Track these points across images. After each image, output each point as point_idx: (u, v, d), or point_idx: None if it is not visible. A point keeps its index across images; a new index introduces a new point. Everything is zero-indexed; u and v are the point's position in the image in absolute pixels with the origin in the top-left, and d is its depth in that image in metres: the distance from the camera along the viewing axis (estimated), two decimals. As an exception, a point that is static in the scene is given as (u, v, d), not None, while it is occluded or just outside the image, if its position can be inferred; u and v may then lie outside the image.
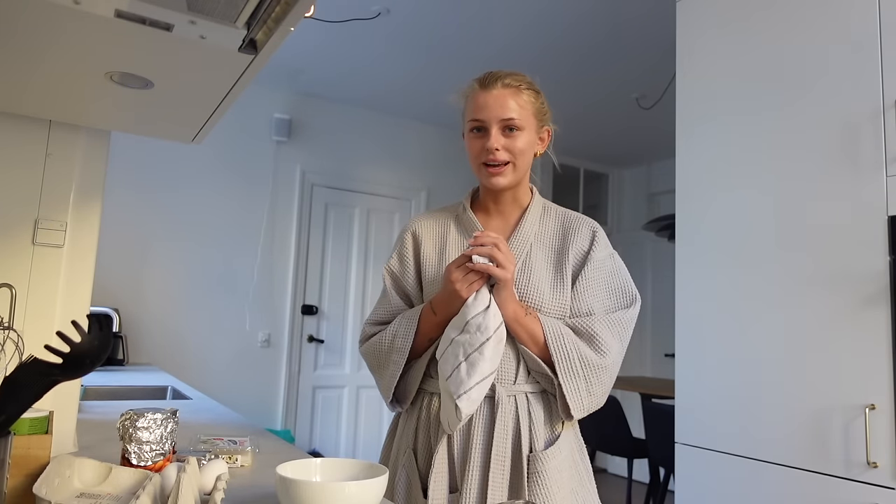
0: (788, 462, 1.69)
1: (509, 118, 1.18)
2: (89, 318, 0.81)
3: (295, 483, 0.78)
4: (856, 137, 1.63)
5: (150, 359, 3.70)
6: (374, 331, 1.28)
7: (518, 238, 1.23)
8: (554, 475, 1.11)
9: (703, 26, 2.08)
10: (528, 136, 1.21)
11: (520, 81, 1.22)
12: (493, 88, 1.20)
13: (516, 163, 1.20)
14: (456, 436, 1.14)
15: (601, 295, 1.20)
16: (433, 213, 1.34)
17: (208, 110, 1.03)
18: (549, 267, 1.21)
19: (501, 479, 1.11)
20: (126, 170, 3.73)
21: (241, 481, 1.03)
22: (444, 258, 1.25)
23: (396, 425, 1.29)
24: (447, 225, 1.30)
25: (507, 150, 1.19)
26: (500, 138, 1.18)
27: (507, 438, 1.13)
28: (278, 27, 0.76)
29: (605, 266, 1.22)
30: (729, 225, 1.93)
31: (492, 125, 1.19)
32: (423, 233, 1.30)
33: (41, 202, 1.13)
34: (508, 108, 1.18)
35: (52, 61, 0.86)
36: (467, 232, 1.27)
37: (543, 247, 1.23)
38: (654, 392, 3.48)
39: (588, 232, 1.24)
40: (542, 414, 1.16)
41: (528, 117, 1.21)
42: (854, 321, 1.59)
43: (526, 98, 1.21)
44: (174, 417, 0.97)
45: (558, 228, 1.26)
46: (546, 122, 1.26)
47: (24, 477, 0.82)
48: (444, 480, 1.13)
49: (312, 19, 3.18)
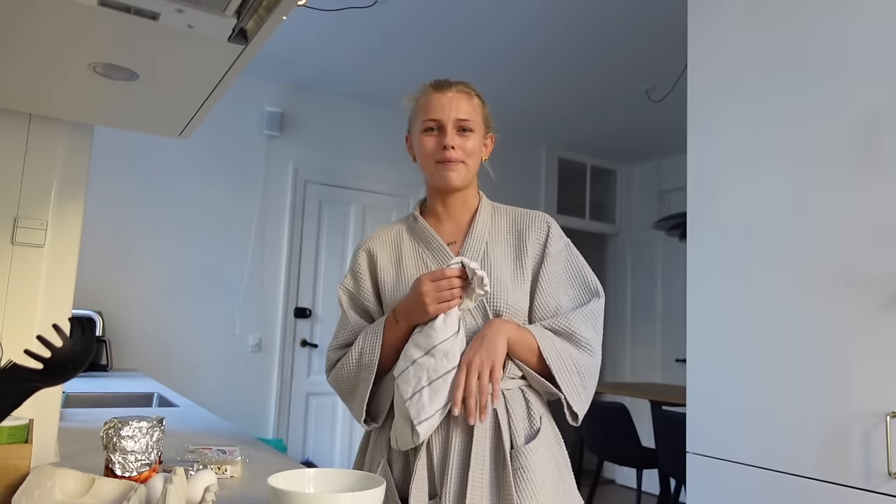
0: (805, 472, 1.67)
1: (464, 118, 1.26)
2: (71, 321, 0.81)
3: (287, 495, 0.76)
4: (877, 131, 1.62)
5: (135, 364, 3.65)
6: (339, 355, 1.30)
7: (472, 238, 1.28)
8: (538, 469, 1.13)
9: (717, 14, 2.06)
10: (478, 139, 1.29)
11: (470, 89, 1.31)
12: (448, 91, 1.28)
13: (468, 162, 1.27)
14: (435, 442, 1.16)
15: (564, 287, 1.26)
16: (384, 229, 1.40)
17: (196, 103, 1.03)
18: (508, 262, 1.26)
19: (480, 478, 1.12)
20: (110, 166, 3.68)
21: (231, 493, 1.02)
22: (402, 268, 1.29)
23: (368, 439, 1.30)
24: (400, 236, 1.34)
25: (461, 149, 1.26)
26: (455, 137, 1.26)
27: (485, 437, 1.15)
28: (270, 16, 0.75)
29: (561, 258, 1.28)
30: (743, 224, 1.91)
31: (447, 124, 1.26)
32: (377, 247, 1.34)
33: (21, 199, 1.12)
34: (462, 109, 1.27)
35: (32, 52, 0.85)
36: (422, 240, 1.31)
37: (499, 244, 1.28)
38: (664, 399, 3.46)
39: (543, 225, 1.30)
40: (520, 409, 1.19)
41: (478, 121, 1.29)
42: (874, 324, 1.57)
43: (476, 103, 1.30)
44: (160, 426, 0.95)
45: (511, 225, 1.31)
46: (490, 130, 1.35)
47: (3, 488, 0.82)
48: (424, 487, 1.14)
49: (306, 7, 3.12)
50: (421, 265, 1.27)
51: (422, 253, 1.29)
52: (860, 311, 1.61)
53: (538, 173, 5.15)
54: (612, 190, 5.69)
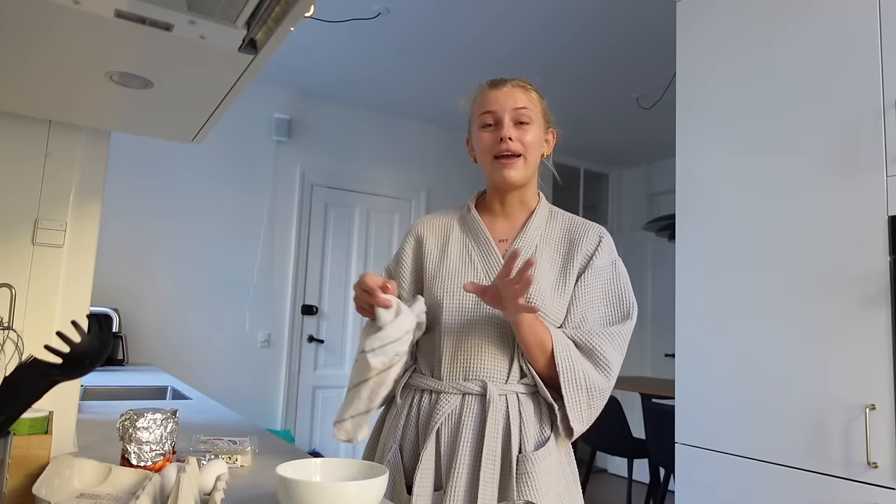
0: (789, 462, 1.68)
1: (522, 107, 1.21)
2: (89, 318, 0.81)
3: (295, 483, 0.78)
4: (856, 137, 1.63)
5: (149, 359, 3.70)
6: None
7: (524, 239, 1.23)
8: (543, 477, 1.10)
9: (704, 26, 2.08)
10: (538, 131, 1.23)
11: (527, 83, 1.26)
12: (504, 87, 1.24)
13: (527, 156, 1.22)
14: (444, 433, 1.14)
15: (597, 302, 1.19)
16: (438, 214, 1.36)
17: (208, 110, 1.03)
18: (555, 270, 1.21)
19: (492, 478, 1.10)
20: (126, 170, 3.73)
21: (241, 481, 1.03)
22: (447, 256, 1.25)
23: (383, 421, 1.28)
24: (451, 224, 1.31)
25: (520, 142, 1.21)
26: (512, 129, 1.20)
27: (497, 438, 1.12)
28: (278, 27, 0.76)
29: (604, 274, 1.21)
30: (729, 225, 1.93)
31: (504, 115, 1.21)
32: (426, 232, 1.31)
33: (41, 202, 1.12)
34: (520, 99, 1.22)
35: (51, 61, 0.86)
36: (471, 232, 1.27)
37: (549, 249, 1.23)
38: (654, 392, 3.48)
39: (595, 237, 1.24)
40: (532, 415, 1.15)
41: (537, 113, 1.24)
42: (854, 321, 1.59)
43: (535, 96, 1.25)
44: (174, 417, 0.97)
45: (564, 233, 1.26)
46: (551, 125, 1.29)
47: (24, 477, 0.82)
48: (429, 477, 1.13)
49: (312, 19, 3.18)
50: (465, 257, 1.24)
51: (468, 244, 1.25)
52: (840, 308, 1.62)
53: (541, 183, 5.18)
54: (604, 193, 5.78)
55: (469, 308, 1.19)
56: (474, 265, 1.23)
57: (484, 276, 1.21)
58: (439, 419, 1.14)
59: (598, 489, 4.83)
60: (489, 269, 1.22)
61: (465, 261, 1.24)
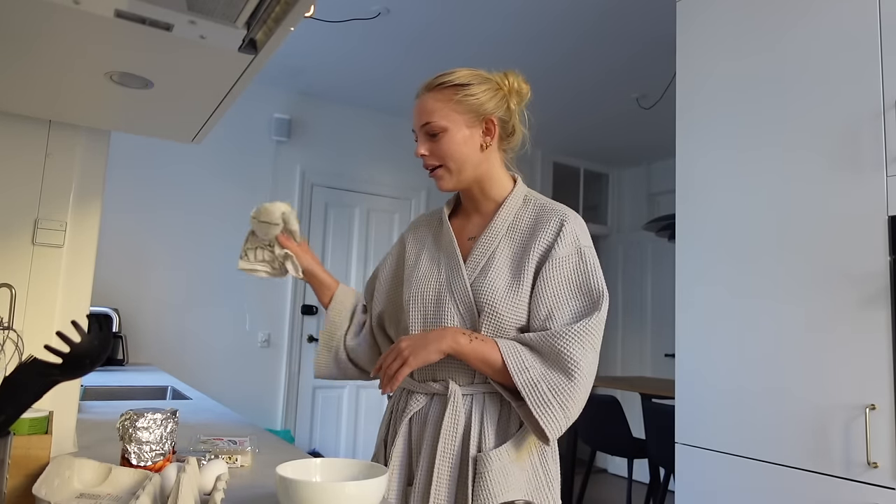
0: (789, 462, 1.68)
1: (425, 122, 1.17)
2: (89, 318, 0.81)
3: (295, 483, 0.78)
4: (856, 137, 1.63)
5: (149, 359, 3.70)
6: None
7: (487, 234, 1.18)
8: (497, 478, 1.06)
9: (704, 26, 2.08)
10: (453, 135, 1.16)
11: (446, 78, 1.19)
12: (420, 96, 1.20)
13: (448, 165, 1.17)
14: (413, 431, 1.16)
15: (563, 296, 1.11)
16: (423, 216, 1.38)
17: (208, 110, 1.03)
18: (512, 265, 1.15)
19: (448, 476, 1.09)
20: (126, 169, 3.73)
21: (241, 481, 1.03)
22: (420, 262, 1.25)
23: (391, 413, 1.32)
24: (430, 225, 1.33)
25: (433, 154, 1.18)
26: (424, 144, 1.19)
27: (454, 436, 1.11)
28: (278, 27, 0.76)
29: (567, 263, 1.12)
30: (729, 225, 1.93)
31: (418, 130, 1.20)
32: (410, 237, 1.35)
33: (41, 202, 1.13)
34: (425, 111, 1.17)
35: (51, 61, 0.86)
36: (443, 234, 1.26)
37: (512, 243, 1.17)
38: (654, 392, 3.48)
39: (555, 224, 1.15)
40: (495, 414, 1.13)
41: (449, 115, 1.16)
42: (854, 321, 1.59)
43: (448, 95, 1.17)
44: (174, 417, 0.97)
45: (533, 221, 1.18)
46: (486, 114, 1.18)
47: (24, 477, 0.82)
48: (397, 473, 1.15)
49: (312, 19, 3.18)
50: (435, 260, 1.23)
51: (439, 247, 1.25)
52: (841, 308, 1.62)
53: (534, 177, 5.19)
54: (604, 193, 5.78)
55: (430, 315, 1.18)
56: (440, 268, 1.21)
57: (446, 277, 1.19)
58: (406, 417, 1.18)
59: (598, 489, 4.84)
60: (451, 271, 1.19)
61: (432, 266, 1.23)
